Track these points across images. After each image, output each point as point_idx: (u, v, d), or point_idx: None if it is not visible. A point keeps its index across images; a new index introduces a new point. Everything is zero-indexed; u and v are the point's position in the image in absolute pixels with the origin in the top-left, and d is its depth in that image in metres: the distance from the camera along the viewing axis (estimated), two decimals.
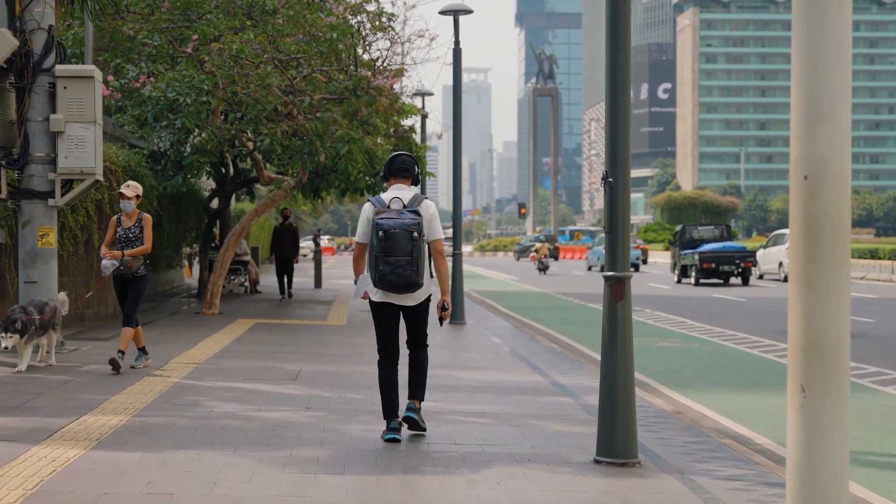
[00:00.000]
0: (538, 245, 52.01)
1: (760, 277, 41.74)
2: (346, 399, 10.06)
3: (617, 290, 7.47)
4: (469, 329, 18.56)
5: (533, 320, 22.02)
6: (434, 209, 8.25)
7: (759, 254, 41.74)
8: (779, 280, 39.64)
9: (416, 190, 8.36)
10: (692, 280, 38.46)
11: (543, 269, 49.00)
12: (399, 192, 8.19)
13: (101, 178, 13.38)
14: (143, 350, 12.12)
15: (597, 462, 7.56)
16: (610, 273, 7.51)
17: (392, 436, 8.07)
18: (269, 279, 31.87)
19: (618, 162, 7.50)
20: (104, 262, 11.55)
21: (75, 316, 16.91)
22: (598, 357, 15.45)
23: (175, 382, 10.81)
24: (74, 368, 11.71)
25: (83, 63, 18.36)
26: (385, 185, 8.62)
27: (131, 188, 11.80)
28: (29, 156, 13.02)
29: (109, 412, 8.93)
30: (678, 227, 43.24)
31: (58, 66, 13.08)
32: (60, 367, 11.72)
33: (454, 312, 19.60)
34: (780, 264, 39.37)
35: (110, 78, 18.46)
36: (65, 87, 13.02)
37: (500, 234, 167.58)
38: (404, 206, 8.08)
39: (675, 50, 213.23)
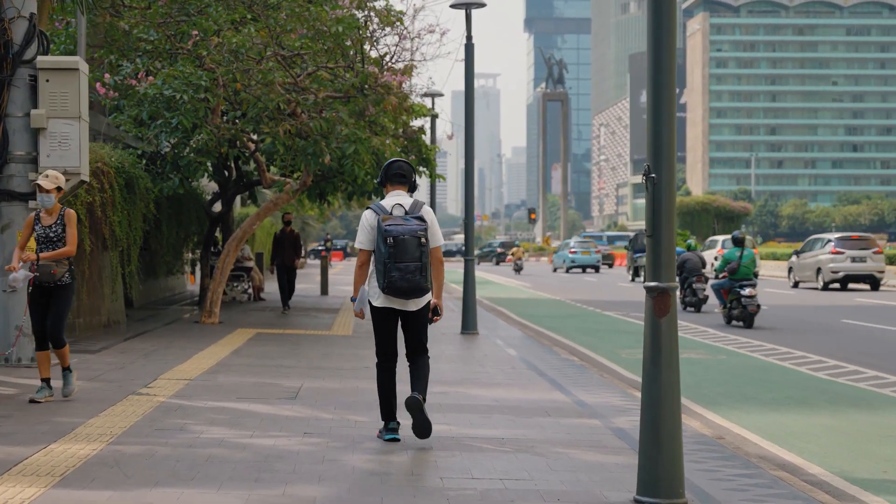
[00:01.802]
0: (514, 249, 62.07)
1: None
2: (350, 423, 9.05)
3: (660, 304, 6.46)
4: (482, 340, 17.56)
5: (548, 329, 21.01)
6: (433, 215, 8.26)
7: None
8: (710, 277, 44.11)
9: (413, 197, 8.38)
10: (642, 278, 44.20)
11: (518, 269, 56.52)
12: (399, 199, 8.21)
13: (86, 178, 12.43)
14: (47, 382, 9.79)
15: (637, 502, 6.54)
16: (652, 284, 6.50)
17: (392, 436, 8.21)
18: (273, 285, 30.86)
19: (662, 155, 6.49)
20: (13, 275, 9.49)
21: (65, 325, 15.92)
22: (622, 370, 14.52)
23: (161, 402, 9.82)
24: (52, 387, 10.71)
25: None
26: (383, 190, 8.53)
27: (50, 179, 9.69)
28: (8, 154, 12.08)
29: (82, 439, 7.94)
30: (632, 235, 50.78)
31: (40, 58, 12.14)
32: (36, 386, 10.70)
33: (466, 322, 18.62)
34: (712, 264, 43.73)
35: (106, 76, 17.57)
36: (47, 80, 12.08)
37: (509, 239, 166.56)
38: (406, 213, 8.10)
39: (684, 55, 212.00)
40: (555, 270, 61.11)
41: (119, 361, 12.86)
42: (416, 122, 23.81)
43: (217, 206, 24.52)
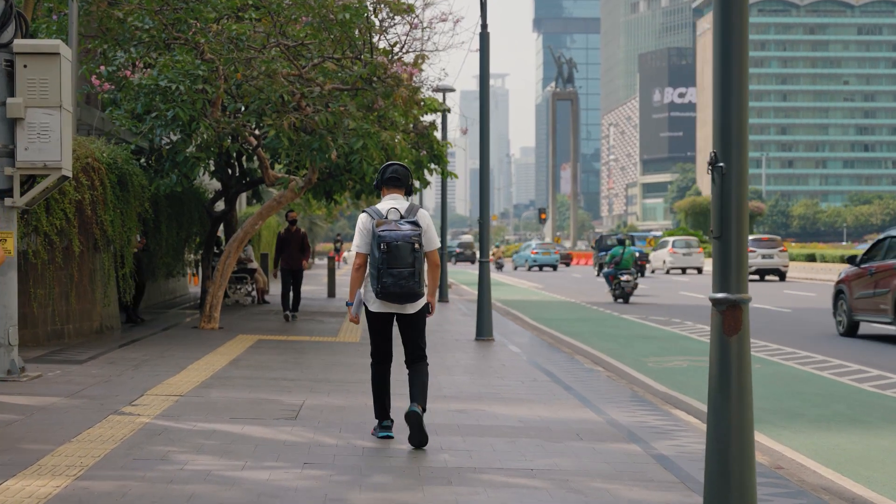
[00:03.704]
0: (495, 249, 70.08)
1: (652, 272, 56.28)
2: (356, 450, 7.95)
3: (731, 319, 5.35)
4: (498, 347, 16.46)
5: (566, 334, 19.92)
6: (429, 219, 8.24)
7: (651, 255, 57.36)
8: (662, 272, 56.15)
9: (409, 200, 8.39)
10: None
11: (499, 267, 64.38)
12: (394, 203, 8.22)
13: (69, 173, 11.35)
14: None
15: None
16: (720, 295, 5.39)
17: (386, 434, 8.23)
18: (277, 287, 29.78)
19: (731, 140, 5.39)
20: None
21: (52, 332, 14.88)
22: (652, 382, 13.36)
23: (145, 424, 8.72)
24: (26, 405, 9.63)
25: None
26: (379, 193, 8.52)
27: None
28: None
29: (46, 472, 6.84)
30: (597, 236, 59.84)
31: (16, 42, 11.06)
32: (7, 404, 9.63)
33: (480, 327, 17.54)
34: (664, 262, 55.62)
35: (101, 68, 16.54)
36: (25, 66, 11.01)
37: (518, 239, 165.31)
38: (401, 217, 8.10)
39: (694, 54, 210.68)
40: (515, 268, 70.12)
41: (105, 374, 11.77)
42: (427, 118, 22.74)
43: (220, 206, 23.47)
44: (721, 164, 5.37)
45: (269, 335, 17.31)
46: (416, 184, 22.96)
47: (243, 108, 17.58)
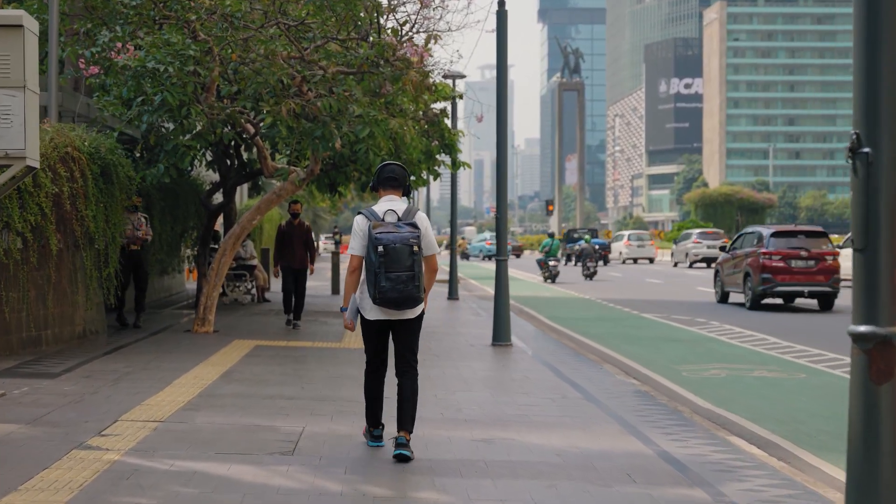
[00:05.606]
0: (460, 241, 74.16)
1: (609, 261, 64.00)
2: (367, 500, 6.51)
3: (881, 362, 3.92)
4: (517, 354, 15.04)
5: (587, 337, 18.52)
6: (427, 222, 7.96)
7: (613, 246, 66.63)
8: (619, 262, 64.82)
9: (407, 202, 8.10)
10: (573, 263, 56.65)
11: (465, 257, 74.36)
12: (392, 204, 7.90)
13: (35, 163, 9.93)
14: None
15: None
16: (865, 329, 3.96)
17: (378, 443, 8.09)
18: (278, 284, 28.37)
19: (880, 118, 3.97)
20: None
21: (28, 339, 13.48)
22: (696, 398, 11.82)
23: (112, 462, 7.28)
24: None
25: (48, 32, 15.05)
26: (376, 194, 8.12)
27: None
28: None
29: None
30: (567, 230, 68.05)
31: None
32: None
33: (497, 332, 16.15)
34: (620, 253, 64.92)
35: (88, 51, 15.13)
36: None
37: (524, 231, 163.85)
38: (399, 219, 7.78)
39: (701, 45, 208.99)
40: (469, 258, 77.30)
41: (78, 391, 10.35)
42: (437, 105, 21.29)
43: (219, 198, 22.06)
44: (866, 150, 3.95)
45: (268, 340, 15.90)
46: (425, 175, 21.59)
47: (238, 92, 16.18)
